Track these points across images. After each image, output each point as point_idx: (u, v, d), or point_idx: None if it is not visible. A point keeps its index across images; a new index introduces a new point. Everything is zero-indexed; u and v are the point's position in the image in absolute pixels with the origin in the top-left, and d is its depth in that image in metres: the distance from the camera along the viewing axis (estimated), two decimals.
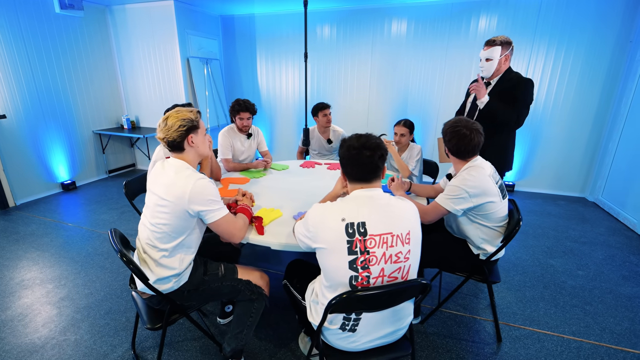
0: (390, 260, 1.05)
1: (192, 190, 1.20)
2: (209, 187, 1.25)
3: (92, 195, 3.80)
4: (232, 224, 1.31)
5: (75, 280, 2.24)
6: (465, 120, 1.56)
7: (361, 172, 1.11)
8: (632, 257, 2.61)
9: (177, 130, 1.25)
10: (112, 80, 4.44)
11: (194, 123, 1.29)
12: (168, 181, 1.24)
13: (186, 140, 1.29)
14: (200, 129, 1.33)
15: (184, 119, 1.26)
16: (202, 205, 1.22)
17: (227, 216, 1.29)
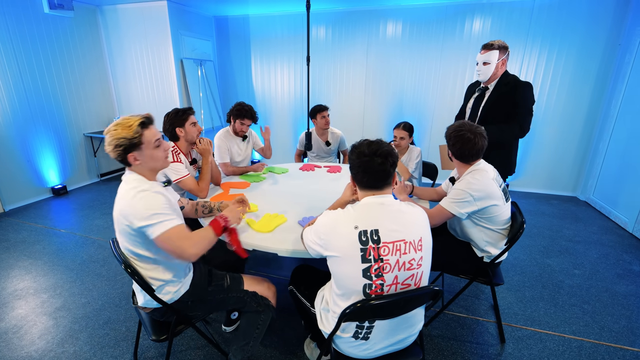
0: (404, 267, 1.04)
1: (130, 204, 1.11)
2: (151, 198, 1.12)
3: (84, 200, 3.71)
4: (182, 239, 1.11)
5: (70, 289, 2.18)
6: (469, 124, 1.57)
7: (372, 180, 1.10)
8: (625, 256, 2.67)
9: (114, 150, 1.14)
10: (104, 82, 4.35)
11: (132, 142, 1.13)
12: (117, 198, 1.18)
13: (127, 158, 1.16)
14: (146, 143, 1.16)
15: (118, 139, 1.12)
16: (142, 220, 1.09)
17: (175, 229, 1.11)
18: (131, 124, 1.14)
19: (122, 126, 1.13)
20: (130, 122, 1.14)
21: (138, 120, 1.15)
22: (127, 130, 1.13)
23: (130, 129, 1.13)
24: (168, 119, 1.89)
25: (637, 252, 2.73)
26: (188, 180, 1.89)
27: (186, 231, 1.15)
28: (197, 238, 1.17)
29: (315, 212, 1.74)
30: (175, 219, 1.14)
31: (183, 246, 1.12)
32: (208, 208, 1.68)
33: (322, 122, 2.85)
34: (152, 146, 1.19)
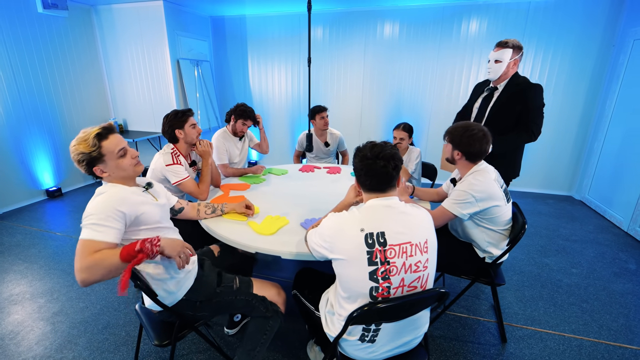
0: (410, 269, 1.04)
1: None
2: (94, 202, 1.09)
3: (79, 202, 3.66)
4: (80, 255, 0.99)
5: (68, 293, 2.14)
6: (477, 124, 1.57)
7: (375, 182, 1.10)
8: (621, 254, 2.71)
9: (79, 166, 1.15)
10: (99, 83, 4.29)
11: (91, 155, 1.11)
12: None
13: (94, 171, 1.16)
14: (108, 154, 1.13)
15: (78, 154, 1.12)
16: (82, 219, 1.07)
17: (83, 242, 1.01)
18: (87, 138, 1.12)
19: (80, 140, 1.12)
20: (87, 135, 1.12)
21: (94, 133, 1.13)
22: (84, 145, 1.11)
23: (87, 142, 1.11)
24: (167, 120, 1.87)
25: (632, 250, 2.77)
26: (188, 183, 1.87)
27: (88, 247, 1.00)
28: (88, 261, 0.98)
29: (317, 214, 1.73)
30: (100, 230, 1.03)
31: (76, 264, 0.98)
32: (211, 208, 1.66)
33: (321, 123, 2.85)
34: (115, 156, 1.16)
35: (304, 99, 4.73)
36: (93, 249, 1.00)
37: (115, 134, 1.19)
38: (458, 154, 1.57)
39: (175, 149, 1.92)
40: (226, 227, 1.59)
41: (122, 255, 1.01)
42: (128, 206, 1.13)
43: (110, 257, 1.00)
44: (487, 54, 3.89)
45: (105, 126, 1.17)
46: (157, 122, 4.35)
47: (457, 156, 1.58)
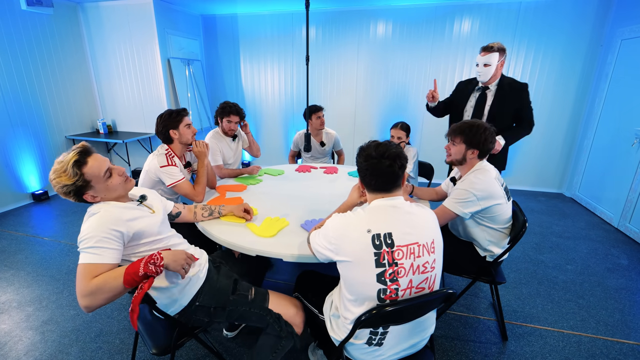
0: (418, 270, 1.02)
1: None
2: (87, 223, 1.04)
3: (67, 206, 3.55)
4: (80, 281, 0.96)
5: (57, 300, 2.06)
6: (482, 121, 1.58)
7: (380, 182, 1.08)
8: (612, 250, 2.76)
9: (67, 196, 1.09)
10: (86, 82, 4.17)
11: (77, 185, 1.05)
12: None
13: (85, 199, 1.11)
14: (94, 179, 1.07)
15: (62, 187, 1.05)
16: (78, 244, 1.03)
17: (83, 267, 0.97)
18: (65, 169, 1.04)
19: (58, 173, 1.05)
20: (64, 165, 1.04)
21: (71, 161, 1.04)
22: (64, 177, 1.04)
23: (67, 174, 1.04)
24: (161, 120, 1.81)
25: (623, 246, 2.82)
26: (183, 184, 1.82)
27: (90, 270, 0.97)
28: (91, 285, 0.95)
29: (317, 214, 1.70)
30: (99, 253, 0.99)
31: (78, 290, 0.95)
32: (208, 211, 1.62)
33: (317, 123, 2.82)
34: (102, 180, 1.09)
35: (297, 98, 4.70)
36: (93, 273, 0.97)
37: (93, 155, 1.10)
38: (473, 152, 1.56)
39: (170, 149, 1.87)
40: (224, 229, 1.55)
41: (126, 281, 0.98)
42: (124, 224, 1.08)
43: (112, 281, 0.97)
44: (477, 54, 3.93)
45: (80, 150, 1.08)
46: (148, 122, 4.25)
47: (472, 155, 1.57)
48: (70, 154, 1.07)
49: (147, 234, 1.18)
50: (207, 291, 1.27)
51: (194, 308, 1.24)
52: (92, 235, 1.01)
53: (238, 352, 1.69)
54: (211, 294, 1.27)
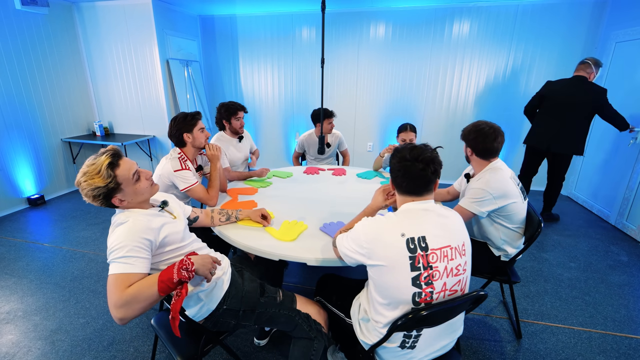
0: (452, 273, 1.03)
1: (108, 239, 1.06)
2: (119, 232, 1.02)
3: (65, 210, 3.46)
4: (114, 291, 0.93)
5: (65, 309, 2.01)
6: (488, 122, 1.61)
7: (413, 185, 1.08)
8: (612, 247, 2.83)
9: (95, 201, 1.06)
10: (82, 84, 4.08)
11: (108, 187, 1.04)
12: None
13: (112, 203, 1.09)
14: (124, 182, 1.07)
15: (93, 189, 1.03)
16: (107, 255, 1.02)
17: (115, 278, 0.95)
18: (99, 170, 1.03)
19: (90, 175, 1.03)
20: (97, 166, 1.03)
21: (105, 163, 1.04)
22: (98, 178, 1.03)
23: (100, 175, 1.03)
24: (175, 123, 1.79)
25: (622, 243, 2.90)
26: (197, 189, 1.79)
27: (123, 280, 0.95)
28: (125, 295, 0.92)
29: (334, 217, 1.70)
30: (131, 262, 0.97)
31: (112, 301, 0.93)
32: (225, 215, 1.60)
33: (327, 128, 2.83)
34: (131, 182, 1.09)
35: (298, 100, 4.69)
36: (127, 283, 0.95)
37: (124, 158, 1.11)
38: (469, 151, 1.63)
39: (182, 153, 1.84)
40: (244, 234, 1.53)
41: (160, 289, 0.96)
42: (153, 232, 1.07)
43: (146, 290, 0.95)
44: (478, 55, 3.99)
45: (113, 152, 1.08)
46: (146, 124, 4.18)
47: (469, 153, 1.64)
48: (102, 156, 1.06)
49: (172, 241, 1.16)
50: (234, 294, 1.26)
51: (222, 312, 1.23)
52: (123, 244, 0.99)
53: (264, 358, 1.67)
54: (239, 297, 1.26)
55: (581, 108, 2.73)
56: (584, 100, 2.71)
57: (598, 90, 2.71)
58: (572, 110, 2.75)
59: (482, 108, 4.18)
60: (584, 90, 2.73)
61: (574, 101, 2.74)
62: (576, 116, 2.76)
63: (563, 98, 2.78)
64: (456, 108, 4.26)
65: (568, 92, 2.77)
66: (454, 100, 4.24)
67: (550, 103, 2.86)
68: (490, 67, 4.01)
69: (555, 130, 2.83)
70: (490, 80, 4.06)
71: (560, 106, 2.80)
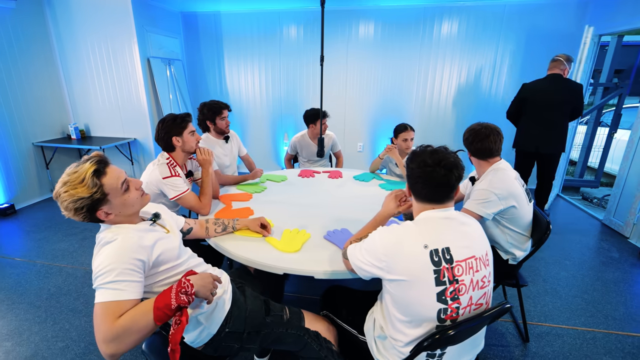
0: (478, 286, 0.96)
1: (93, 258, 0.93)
2: (103, 254, 0.88)
3: (38, 220, 3.21)
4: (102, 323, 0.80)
5: (42, 332, 1.82)
6: (486, 123, 1.58)
7: (434, 193, 1.01)
8: (603, 244, 2.88)
9: (76, 214, 0.91)
10: (55, 84, 3.81)
11: (93, 199, 0.90)
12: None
13: (97, 216, 0.95)
14: (112, 192, 0.94)
15: (75, 201, 0.89)
16: (93, 280, 0.88)
17: (104, 307, 0.82)
18: (83, 178, 0.89)
19: (72, 184, 0.89)
20: (81, 174, 0.90)
21: (90, 170, 0.90)
22: (81, 188, 0.89)
23: (84, 184, 0.89)
24: (163, 126, 1.64)
25: (612, 239, 2.96)
26: (188, 197, 1.66)
27: (112, 310, 0.82)
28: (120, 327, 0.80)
29: (338, 224, 1.61)
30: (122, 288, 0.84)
31: (100, 334, 0.79)
32: (221, 226, 1.48)
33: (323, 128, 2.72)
34: (120, 193, 0.96)
35: (286, 100, 4.57)
36: (117, 312, 0.82)
37: (111, 166, 0.97)
38: (469, 153, 1.63)
39: (171, 158, 1.70)
40: (243, 246, 1.42)
41: (157, 317, 0.84)
42: (145, 251, 0.94)
43: (140, 319, 0.83)
44: (466, 55, 4.00)
45: (99, 159, 0.94)
46: (126, 126, 3.96)
47: (468, 155, 1.64)
48: (86, 163, 0.92)
49: (168, 259, 1.04)
50: (237, 315, 1.15)
51: (224, 335, 1.11)
52: (111, 267, 0.86)
53: None
54: (242, 318, 1.15)
55: (561, 107, 2.77)
56: (564, 100, 2.75)
57: (576, 89, 2.75)
58: (554, 110, 2.78)
59: (470, 108, 4.19)
60: (562, 89, 2.76)
61: (555, 101, 2.76)
62: (558, 115, 2.79)
63: (544, 99, 2.79)
64: (445, 107, 4.26)
65: (548, 92, 2.78)
66: (443, 99, 4.24)
67: (532, 105, 2.85)
68: (477, 66, 4.03)
69: (541, 132, 2.84)
70: (477, 79, 4.08)
71: (543, 107, 2.81)
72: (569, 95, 2.74)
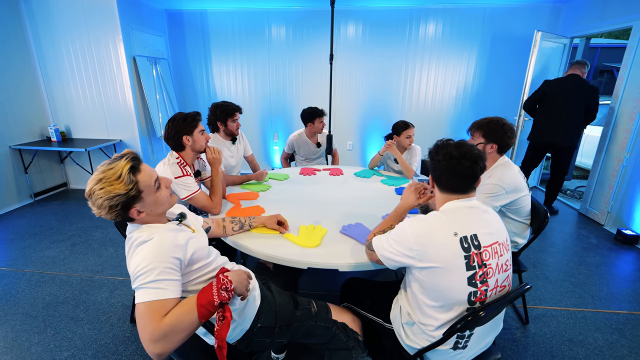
0: (502, 269, 1.04)
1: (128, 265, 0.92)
2: (141, 254, 0.88)
3: (21, 227, 3.03)
4: (148, 323, 0.80)
5: (43, 342, 1.74)
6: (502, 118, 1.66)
7: (459, 183, 1.07)
8: (581, 231, 3.10)
9: (110, 212, 0.90)
10: (32, 83, 3.60)
11: (129, 195, 0.90)
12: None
13: (129, 214, 0.94)
14: (146, 189, 0.94)
15: (111, 198, 0.88)
16: (131, 279, 0.88)
17: (148, 306, 0.82)
18: (120, 174, 0.89)
19: (109, 181, 0.88)
20: (117, 171, 0.89)
21: (127, 167, 0.90)
22: (118, 184, 0.88)
23: (121, 181, 0.89)
24: (174, 125, 1.61)
25: (589, 227, 3.19)
26: (200, 196, 1.64)
27: (156, 308, 0.81)
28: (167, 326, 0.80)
29: (350, 219, 1.65)
30: (164, 287, 0.84)
31: (146, 334, 0.79)
32: (238, 224, 1.48)
33: (319, 127, 2.76)
34: (152, 190, 0.96)
35: (277, 99, 4.56)
36: (162, 311, 0.82)
37: (144, 164, 0.98)
38: (492, 147, 1.62)
39: (181, 158, 1.67)
40: (262, 243, 1.43)
41: (201, 314, 0.84)
42: (181, 250, 0.94)
43: (186, 317, 0.83)
44: (449, 55, 4.16)
45: (133, 156, 0.94)
46: (111, 128, 3.81)
47: (491, 149, 1.63)
48: (120, 160, 0.91)
49: (200, 258, 1.04)
50: (267, 310, 1.16)
51: (256, 330, 1.13)
52: (152, 266, 0.85)
53: None
54: (272, 313, 1.16)
55: (579, 104, 3.06)
56: (582, 97, 3.05)
57: (592, 89, 3.06)
58: (572, 106, 3.07)
59: (456, 107, 4.36)
60: (581, 88, 3.06)
61: (573, 97, 3.06)
62: (575, 111, 3.08)
63: (564, 95, 3.09)
64: (432, 106, 4.41)
65: (568, 89, 3.08)
66: (430, 98, 4.38)
67: (552, 100, 3.14)
68: (460, 66, 4.20)
69: (560, 125, 3.12)
70: (460, 79, 4.25)
71: (562, 102, 3.10)
72: (586, 94, 3.04)
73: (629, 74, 2.98)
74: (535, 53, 3.47)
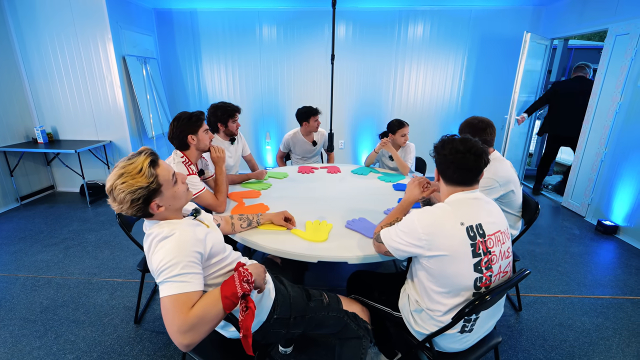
0: (504, 256, 1.11)
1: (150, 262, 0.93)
2: (164, 249, 0.89)
3: (9, 232, 2.94)
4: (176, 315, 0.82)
5: (45, 346, 1.71)
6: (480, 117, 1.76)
7: (465, 177, 1.13)
8: (565, 223, 3.26)
9: (131, 207, 0.91)
10: (16, 84, 3.49)
11: (150, 189, 0.92)
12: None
13: (149, 209, 0.95)
14: (165, 183, 0.95)
15: (133, 192, 0.89)
16: (154, 274, 0.90)
17: (174, 299, 0.84)
18: (141, 168, 0.91)
19: (131, 174, 0.90)
20: (138, 165, 0.91)
21: (147, 161, 0.92)
22: (140, 177, 0.91)
23: (142, 174, 0.91)
24: (178, 124, 1.62)
25: (571, 219, 3.36)
26: (206, 195, 1.66)
27: (190, 302, 0.84)
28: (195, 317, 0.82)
29: (353, 214, 1.70)
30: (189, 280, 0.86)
31: (174, 327, 0.81)
32: (246, 221, 1.51)
33: (314, 125, 2.80)
34: (171, 184, 0.99)
35: (269, 99, 4.57)
36: (189, 304, 0.84)
37: (161, 159, 1.01)
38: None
39: (185, 157, 1.68)
40: (270, 239, 1.46)
41: (225, 305, 0.88)
42: (202, 244, 0.96)
43: (212, 308, 0.86)
44: (437, 55, 4.29)
45: (151, 151, 0.97)
46: (100, 129, 3.73)
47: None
48: (139, 156, 0.93)
49: (217, 252, 1.06)
50: (282, 302, 1.20)
51: (272, 321, 1.16)
52: (176, 260, 0.87)
53: None
54: (287, 304, 1.20)
55: (585, 101, 3.42)
56: (586, 94, 3.42)
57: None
58: (580, 103, 3.47)
59: (443, 107, 4.50)
60: (587, 87, 3.43)
61: (580, 96, 3.50)
62: (582, 107, 3.44)
63: (574, 94, 3.56)
64: (422, 106, 4.52)
65: (576, 88, 3.56)
66: (419, 97, 4.50)
67: (565, 99, 3.61)
68: (450, 67, 4.33)
69: (573, 119, 3.57)
70: (448, 79, 4.38)
71: (572, 100, 3.56)
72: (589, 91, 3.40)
73: (606, 73, 3.16)
74: (525, 53, 3.61)
